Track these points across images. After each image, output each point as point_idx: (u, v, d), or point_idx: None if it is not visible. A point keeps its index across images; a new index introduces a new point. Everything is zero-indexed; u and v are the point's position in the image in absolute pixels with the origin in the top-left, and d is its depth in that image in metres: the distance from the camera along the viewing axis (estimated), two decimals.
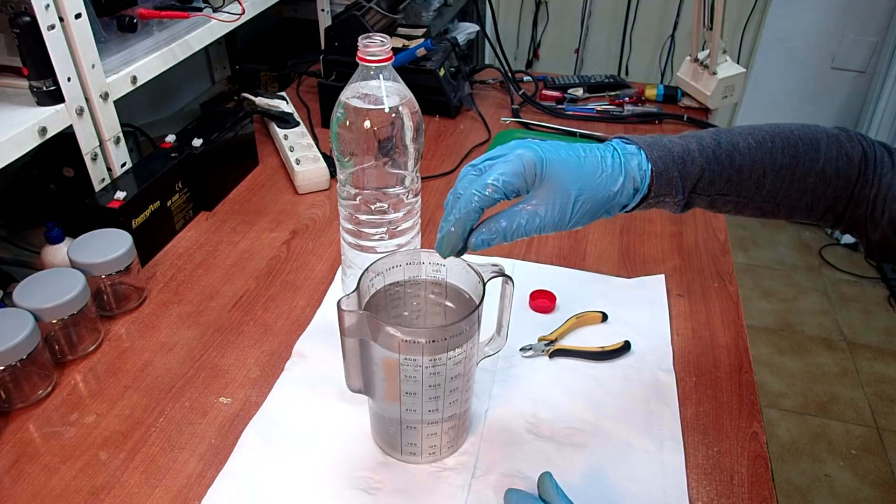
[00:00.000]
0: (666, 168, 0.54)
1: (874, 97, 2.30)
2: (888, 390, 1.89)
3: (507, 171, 0.48)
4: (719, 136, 0.57)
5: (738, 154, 0.56)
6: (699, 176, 0.55)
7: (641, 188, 0.54)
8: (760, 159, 0.56)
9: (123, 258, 0.75)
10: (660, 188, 0.55)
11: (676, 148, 0.55)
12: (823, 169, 0.57)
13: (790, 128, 0.58)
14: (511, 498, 0.54)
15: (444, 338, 0.52)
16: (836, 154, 0.57)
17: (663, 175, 0.54)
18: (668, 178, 0.55)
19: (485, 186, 0.48)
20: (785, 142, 0.57)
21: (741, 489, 0.59)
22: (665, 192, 0.55)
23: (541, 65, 2.58)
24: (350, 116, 0.63)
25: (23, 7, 0.74)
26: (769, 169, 0.56)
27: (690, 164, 0.55)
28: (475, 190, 0.49)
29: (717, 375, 0.71)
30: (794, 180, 0.57)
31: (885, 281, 2.29)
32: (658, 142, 0.56)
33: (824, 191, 0.58)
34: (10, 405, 0.65)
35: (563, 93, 1.30)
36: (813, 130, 0.58)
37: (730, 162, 0.56)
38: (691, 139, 0.57)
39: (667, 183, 0.55)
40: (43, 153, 0.87)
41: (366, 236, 0.70)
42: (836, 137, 0.58)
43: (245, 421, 0.65)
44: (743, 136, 0.57)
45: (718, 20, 1.16)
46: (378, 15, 1.18)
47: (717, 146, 0.56)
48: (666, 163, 0.54)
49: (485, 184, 0.48)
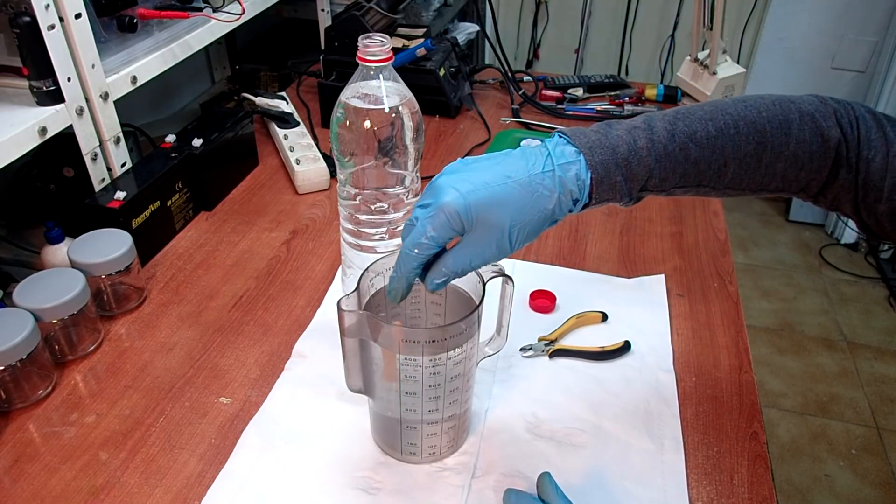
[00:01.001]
0: (608, 174, 0.50)
1: (874, 97, 2.30)
2: (888, 390, 1.89)
3: (434, 224, 0.48)
4: (675, 125, 0.52)
5: (693, 146, 0.51)
6: (647, 176, 0.51)
7: (581, 198, 0.50)
8: (721, 148, 0.52)
9: (123, 258, 0.75)
10: (601, 195, 0.51)
11: (622, 147, 0.51)
12: (795, 153, 0.53)
13: (759, 107, 0.53)
14: (510, 498, 0.54)
15: (444, 338, 0.52)
16: (808, 136, 0.52)
17: (605, 182, 0.50)
18: (611, 183, 0.51)
19: (415, 245, 0.48)
20: (750, 126, 0.52)
21: (741, 489, 0.59)
22: (608, 196, 0.51)
23: (541, 65, 2.58)
24: (350, 116, 0.63)
25: (23, 7, 0.74)
26: (731, 158, 0.52)
27: (637, 166, 0.51)
28: (407, 250, 0.49)
29: (717, 375, 0.71)
30: (760, 167, 0.53)
31: (885, 281, 2.29)
32: (603, 141, 0.51)
33: (796, 174, 0.54)
34: (10, 405, 0.65)
35: (563, 93, 1.30)
36: (785, 108, 0.53)
37: (684, 156, 0.51)
38: (641, 132, 0.51)
39: (609, 189, 0.51)
40: (43, 153, 0.87)
41: (366, 236, 0.70)
42: (810, 116, 0.53)
43: (245, 421, 0.65)
44: (702, 123, 0.52)
45: (718, 20, 1.16)
46: (378, 15, 1.18)
47: (671, 139, 0.51)
48: (608, 168, 0.50)
49: (416, 242, 0.48)
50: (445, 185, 0.48)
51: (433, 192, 0.49)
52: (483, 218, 0.47)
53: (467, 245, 0.49)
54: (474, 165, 0.50)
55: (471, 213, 0.47)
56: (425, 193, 0.50)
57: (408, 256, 0.49)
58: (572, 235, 0.93)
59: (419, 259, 0.49)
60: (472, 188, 0.47)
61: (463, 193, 0.47)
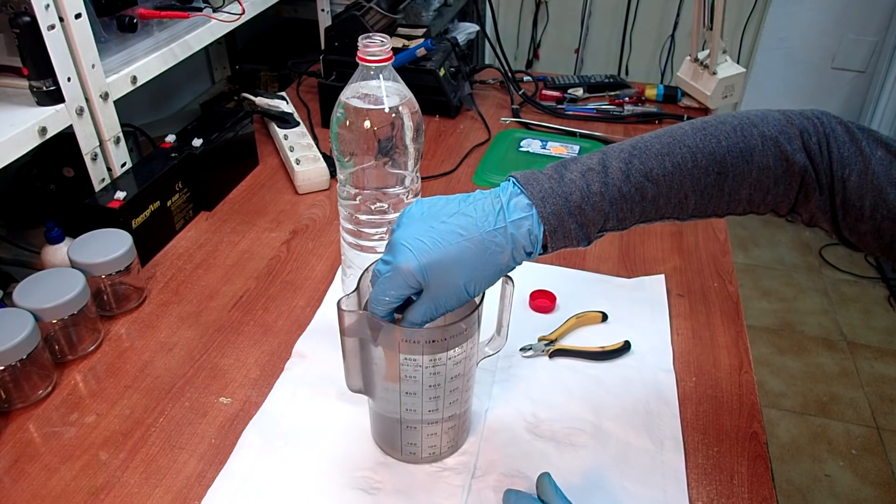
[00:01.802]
0: (561, 223, 0.50)
1: (874, 97, 2.30)
2: (888, 390, 1.89)
3: (393, 285, 0.49)
4: (630, 164, 0.51)
5: (650, 184, 0.50)
6: (603, 220, 0.51)
7: (535, 251, 0.51)
8: (679, 183, 0.51)
9: (123, 258, 0.75)
10: (556, 243, 0.51)
11: (575, 195, 0.50)
12: (758, 179, 0.51)
13: (718, 136, 0.51)
14: (510, 498, 0.54)
15: (444, 338, 0.52)
16: (772, 162, 0.51)
17: (558, 231, 0.50)
18: (566, 231, 0.50)
19: (380, 302, 0.50)
20: (710, 158, 0.51)
21: (741, 489, 0.59)
22: (563, 244, 0.51)
23: (541, 65, 2.58)
24: (350, 116, 0.63)
25: (23, 7, 0.74)
26: (691, 190, 0.51)
27: (591, 211, 0.50)
28: (373, 308, 0.51)
29: (717, 375, 0.71)
30: (723, 195, 0.52)
31: (885, 281, 2.29)
32: (556, 189, 0.50)
33: (763, 198, 0.53)
34: (10, 405, 0.65)
35: (563, 93, 1.30)
36: (747, 135, 0.51)
37: (640, 196, 0.51)
38: (596, 175, 0.50)
39: (564, 236, 0.51)
40: (43, 153, 0.87)
41: (366, 236, 0.70)
42: (774, 141, 0.51)
43: (245, 421, 0.65)
44: (659, 159, 0.51)
45: (718, 20, 1.16)
46: (378, 15, 1.18)
47: (626, 180, 0.50)
48: (561, 217, 0.50)
49: (380, 300, 0.50)
50: (401, 244, 0.49)
51: (391, 249, 0.50)
52: (438, 277, 0.49)
53: (428, 300, 0.50)
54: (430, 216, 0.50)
55: (426, 274, 0.49)
56: (387, 247, 0.52)
57: (376, 310, 0.51)
58: None
59: (386, 311, 0.51)
60: (426, 248, 0.49)
61: (416, 255, 0.48)
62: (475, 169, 1.08)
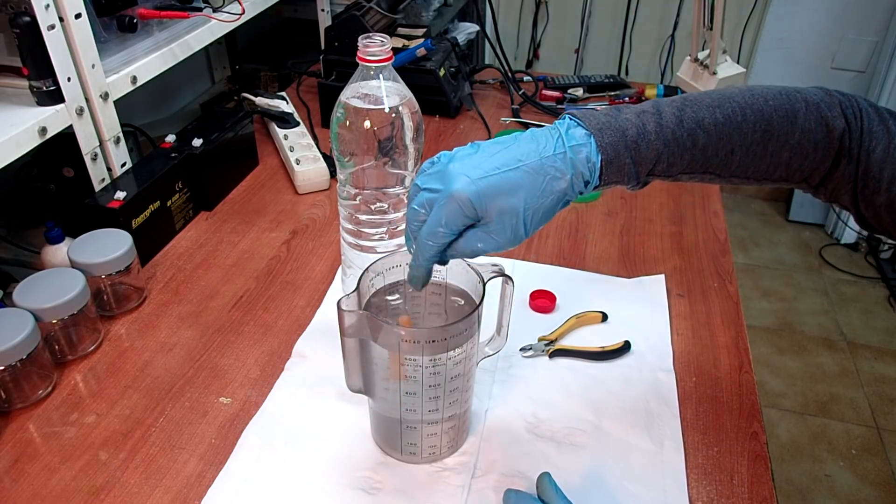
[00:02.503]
0: (617, 155, 0.50)
1: (874, 97, 2.30)
2: (888, 390, 1.89)
3: (448, 213, 0.48)
4: (683, 112, 0.52)
5: (702, 132, 0.52)
6: (655, 160, 0.52)
7: (592, 180, 0.51)
8: (728, 136, 0.52)
9: (123, 258, 0.75)
10: (610, 176, 0.51)
11: (631, 130, 0.51)
12: (800, 142, 0.53)
13: (766, 96, 0.53)
14: (510, 498, 0.54)
15: (444, 338, 0.52)
16: (814, 126, 0.53)
17: (614, 163, 0.51)
18: (620, 165, 0.51)
19: (433, 234, 0.49)
20: (758, 115, 0.52)
21: (741, 489, 0.59)
22: (616, 178, 0.52)
23: (541, 65, 2.58)
24: (350, 116, 0.63)
25: (23, 7, 0.74)
26: (738, 145, 0.52)
27: (646, 149, 0.51)
28: (425, 239, 0.49)
29: (717, 375, 0.71)
30: (765, 155, 0.53)
31: (885, 281, 2.29)
32: (612, 123, 0.51)
33: (801, 164, 0.54)
34: (10, 405, 0.65)
35: (563, 93, 1.30)
36: (791, 98, 0.53)
37: (692, 142, 0.52)
38: (650, 116, 0.52)
39: (618, 170, 0.51)
40: (43, 153, 0.87)
41: (366, 236, 0.70)
42: (816, 106, 0.53)
43: (245, 421, 0.65)
44: (710, 110, 0.52)
45: (718, 20, 1.16)
46: (378, 15, 1.18)
47: (679, 124, 0.51)
48: (617, 150, 0.50)
49: (433, 232, 0.49)
50: (456, 171, 0.48)
51: (443, 177, 0.48)
52: (496, 205, 0.47)
53: (482, 231, 0.49)
54: (485, 149, 0.50)
55: (483, 201, 0.47)
56: (433, 176, 0.49)
57: (425, 246, 0.49)
58: (572, 235, 0.93)
59: (436, 248, 0.49)
60: (483, 174, 0.47)
61: (473, 180, 0.47)
62: None
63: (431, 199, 0.49)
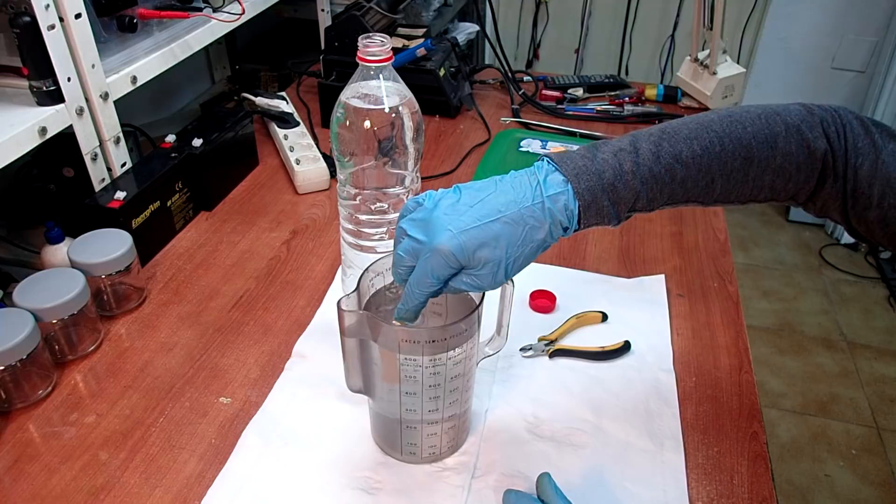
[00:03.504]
0: (595, 199, 0.51)
1: (874, 97, 2.30)
2: (888, 390, 1.89)
3: (432, 267, 0.49)
4: (660, 147, 0.52)
5: (679, 167, 0.52)
6: (634, 199, 0.52)
7: (571, 226, 0.51)
8: (707, 167, 0.52)
9: (123, 258, 0.75)
10: (590, 219, 0.52)
11: (608, 172, 0.51)
12: (781, 166, 0.53)
13: (744, 122, 0.53)
14: (509, 498, 0.54)
15: (444, 338, 0.52)
16: (795, 149, 0.53)
17: (592, 207, 0.51)
18: (599, 208, 0.51)
19: (419, 284, 0.50)
20: (737, 143, 0.52)
21: (741, 489, 0.59)
22: (595, 221, 0.52)
23: (541, 65, 2.58)
24: (350, 116, 0.63)
25: (23, 7, 0.74)
26: (718, 174, 0.53)
27: (623, 189, 0.51)
28: (413, 289, 0.50)
29: (717, 375, 0.71)
30: (747, 181, 0.54)
31: (885, 281, 2.29)
32: (589, 167, 0.51)
33: (784, 185, 0.54)
34: (10, 405, 0.65)
35: (563, 93, 1.30)
36: (771, 122, 0.53)
37: (670, 177, 0.52)
38: (627, 155, 0.52)
39: (596, 213, 0.52)
40: (43, 153, 0.87)
41: (366, 236, 0.70)
42: (796, 128, 0.53)
43: (245, 421, 0.65)
44: (688, 143, 0.52)
45: (718, 20, 1.16)
46: (378, 15, 1.18)
47: (656, 161, 0.52)
48: (595, 194, 0.51)
49: (419, 282, 0.50)
50: (439, 224, 0.49)
51: (427, 228, 0.50)
52: (479, 256, 0.49)
53: (466, 276, 0.50)
54: (466, 198, 0.50)
55: (466, 254, 0.48)
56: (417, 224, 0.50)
57: (413, 294, 0.51)
58: (572, 235, 0.92)
59: (425, 296, 0.51)
60: (465, 227, 0.49)
61: (456, 234, 0.48)
62: (475, 169, 1.08)
63: (417, 248, 0.50)
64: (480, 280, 0.50)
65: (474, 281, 0.50)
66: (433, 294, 0.51)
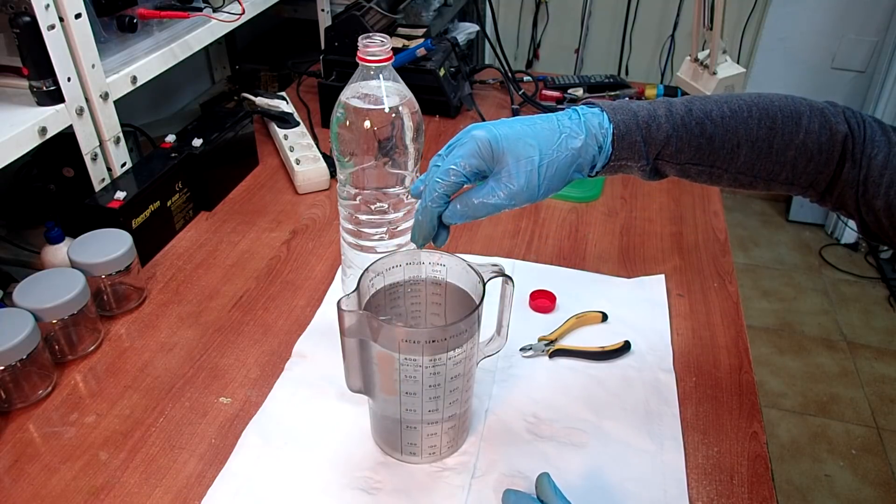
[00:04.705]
0: (629, 131, 0.53)
1: (874, 97, 2.30)
2: (888, 390, 1.89)
3: (464, 153, 0.50)
4: (692, 104, 0.55)
5: (709, 122, 0.54)
6: (665, 142, 0.54)
7: (605, 146, 0.53)
8: (734, 129, 0.54)
9: (123, 258, 0.75)
10: (621, 151, 0.54)
11: (642, 112, 0.54)
12: (804, 143, 0.55)
13: (771, 98, 0.56)
14: (509, 498, 0.54)
15: (444, 338, 0.52)
16: (818, 128, 0.55)
17: (626, 138, 0.53)
18: (631, 141, 0.53)
19: (446, 172, 0.50)
20: (763, 112, 0.55)
21: (741, 489, 0.59)
22: (627, 155, 0.54)
23: (541, 65, 2.58)
24: (350, 116, 0.63)
25: (23, 7, 0.74)
26: (744, 140, 0.55)
27: (656, 130, 0.54)
28: (437, 178, 0.51)
29: (717, 375, 0.71)
30: (771, 153, 0.55)
31: (885, 281, 2.29)
32: (623, 106, 0.55)
33: (805, 166, 0.56)
34: (10, 405, 0.65)
35: (563, 93, 1.30)
36: (796, 102, 0.56)
37: (700, 130, 0.54)
38: (660, 105, 0.55)
39: (629, 147, 0.54)
40: (43, 153, 0.87)
41: (366, 236, 0.70)
42: (820, 111, 0.56)
43: (245, 421, 0.65)
44: (717, 105, 0.55)
45: (718, 20, 1.16)
46: (378, 15, 1.18)
47: (688, 113, 0.54)
48: (629, 126, 0.53)
49: (446, 170, 0.50)
50: (476, 125, 0.51)
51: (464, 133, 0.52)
52: (513, 149, 0.50)
53: (494, 181, 0.51)
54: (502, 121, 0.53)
55: (501, 144, 0.50)
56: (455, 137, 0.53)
57: (436, 184, 0.51)
58: (572, 235, 0.93)
59: (447, 187, 0.51)
60: (505, 125, 0.51)
61: (496, 126, 0.50)
62: None
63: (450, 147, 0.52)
64: (512, 182, 0.50)
65: (504, 182, 0.50)
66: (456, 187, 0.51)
